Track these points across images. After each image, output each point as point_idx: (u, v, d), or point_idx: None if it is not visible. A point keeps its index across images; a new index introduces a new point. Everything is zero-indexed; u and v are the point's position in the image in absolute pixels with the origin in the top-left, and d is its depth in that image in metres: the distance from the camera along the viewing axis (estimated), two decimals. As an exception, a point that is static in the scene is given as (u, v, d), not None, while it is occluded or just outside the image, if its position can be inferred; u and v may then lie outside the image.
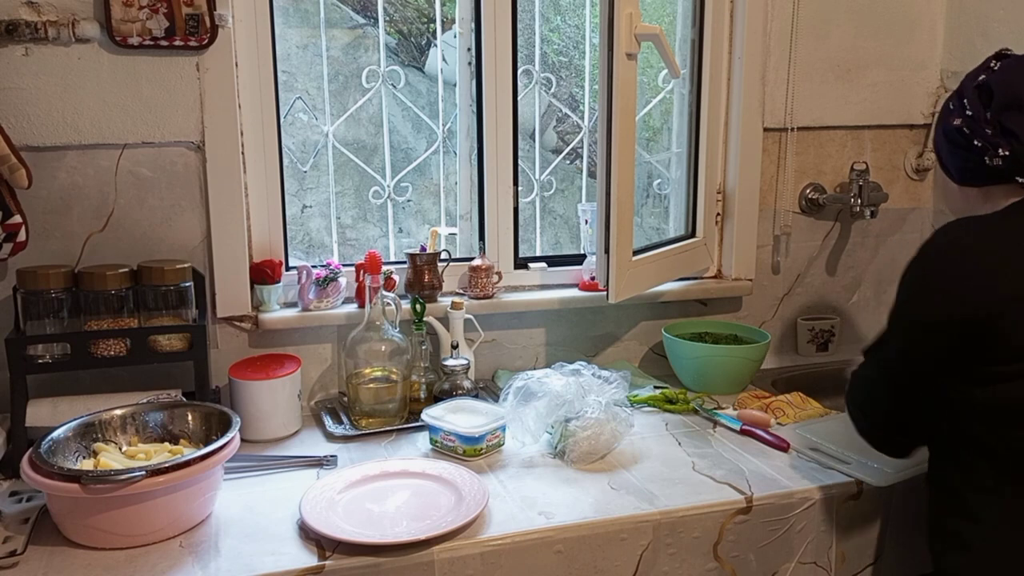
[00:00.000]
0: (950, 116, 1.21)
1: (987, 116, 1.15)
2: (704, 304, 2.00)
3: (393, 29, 3.14)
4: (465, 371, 1.67)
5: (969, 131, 1.17)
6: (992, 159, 1.15)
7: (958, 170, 1.22)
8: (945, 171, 1.27)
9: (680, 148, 2.03)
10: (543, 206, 2.11)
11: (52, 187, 1.52)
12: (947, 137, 1.22)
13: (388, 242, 1.96)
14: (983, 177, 1.18)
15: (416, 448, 1.51)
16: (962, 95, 1.20)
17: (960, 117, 1.18)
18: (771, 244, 2.03)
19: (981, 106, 1.16)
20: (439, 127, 1.93)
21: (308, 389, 1.73)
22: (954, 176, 1.24)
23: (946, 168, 1.26)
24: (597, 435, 1.42)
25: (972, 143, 1.16)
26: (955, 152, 1.21)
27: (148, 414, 1.37)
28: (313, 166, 2.20)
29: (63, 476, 1.14)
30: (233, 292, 1.63)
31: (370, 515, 1.24)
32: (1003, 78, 1.16)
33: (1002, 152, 1.14)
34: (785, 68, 1.93)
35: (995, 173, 1.16)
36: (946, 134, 1.22)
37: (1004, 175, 1.15)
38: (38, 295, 1.43)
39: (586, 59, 2.15)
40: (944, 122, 1.23)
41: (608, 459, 1.46)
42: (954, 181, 1.24)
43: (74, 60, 1.48)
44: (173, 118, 1.55)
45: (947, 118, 1.22)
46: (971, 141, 1.16)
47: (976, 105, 1.17)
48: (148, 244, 1.58)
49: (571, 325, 1.90)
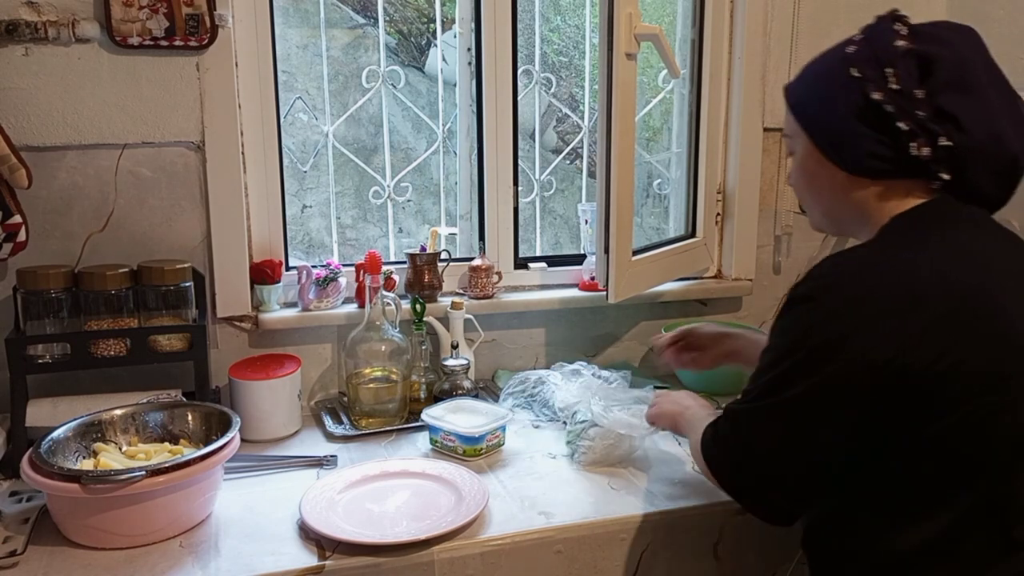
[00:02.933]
0: (860, 86, 0.97)
1: (918, 93, 0.94)
2: (704, 304, 2.00)
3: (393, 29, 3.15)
4: (465, 371, 1.67)
5: (893, 109, 0.94)
6: (920, 148, 0.94)
7: (857, 156, 0.98)
8: (830, 156, 1.02)
9: (680, 148, 2.03)
10: (543, 206, 2.11)
11: (52, 187, 1.52)
12: (853, 111, 0.97)
13: (388, 242, 1.96)
14: (895, 169, 0.97)
15: (416, 448, 1.51)
16: (879, 61, 0.96)
17: (881, 90, 0.95)
18: (771, 244, 2.03)
19: (914, 80, 0.95)
20: (439, 127, 1.93)
21: (308, 389, 1.73)
22: (846, 163, 1.00)
23: (833, 152, 1.01)
24: (615, 446, 1.42)
25: (894, 125, 0.94)
26: (859, 132, 0.97)
27: (148, 414, 1.37)
28: (313, 166, 2.20)
29: (63, 476, 1.14)
30: (233, 292, 1.63)
31: (370, 515, 1.24)
32: (943, 49, 0.95)
33: (943, 142, 0.94)
34: (786, 68, 1.93)
35: (913, 166, 0.96)
36: (853, 110, 0.97)
37: (923, 170, 0.96)
38: (38, 295, 1.42)
39: (586, 59, 2.15)
40: (847, 91, 0.98)
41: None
42: (843, 169, 1.00)
43: (74, 60, 1.48)
44: (173, 118, 1.55)
45: (853, 89, 0.97)
46: (893, 122, 0.94)
47: (907, 78, 0.95)
48: (148, 244, 1.58)
49: (571, 325, 1.90)
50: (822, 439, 0.94)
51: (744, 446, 1.01)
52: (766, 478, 0.99)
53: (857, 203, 1.02)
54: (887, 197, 1.00)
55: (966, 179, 0.96)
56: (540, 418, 1.63)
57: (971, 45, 0.99)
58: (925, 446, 0.91)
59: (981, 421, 0.90)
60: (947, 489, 0.92)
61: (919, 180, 0.98)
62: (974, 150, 0.95)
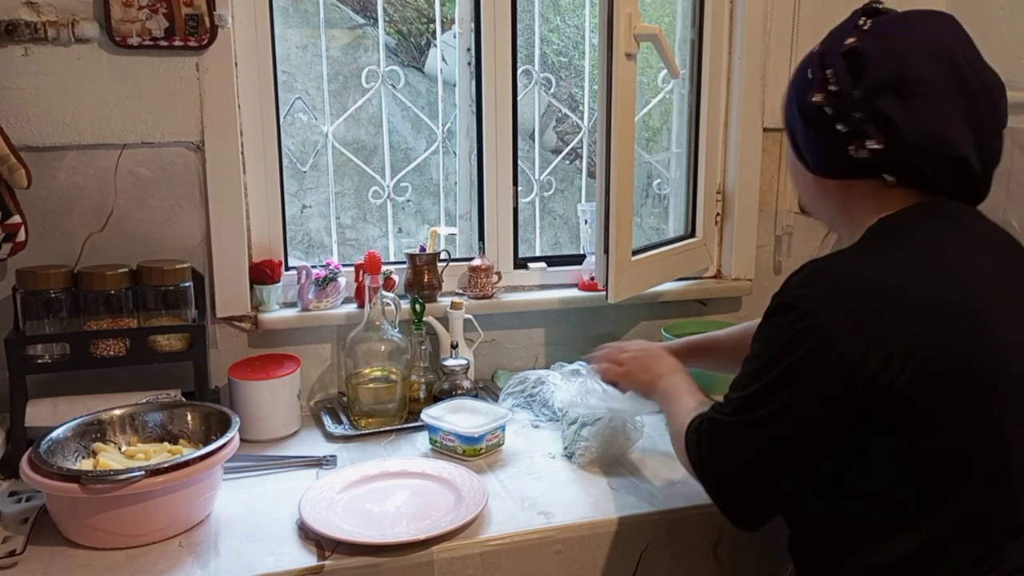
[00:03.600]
0: (807, 88, 0.96)
1: (855, 94, 0.92)
2: (704, 304, 2.00)
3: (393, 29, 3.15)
4: (464, 371, 1.67)
5: (831, 111, 0.93)
6: (858, 150, 0.93)
7: (813, 157, 0.99)
8: (797, 154, 1.03)
9: (680, 148, 2.03)
10: (542, 206, 2.11)
11: (52, 187, 1.51)
12: (802, 114, 0.97)
13: (388, 242, 1.96)
14: (843, 169, 0.97)
15: (416, 448, 1.51)
16: (823, 62, 0.96)
17: (821, 91, 0.94)
18: (771, 244, 2.03)
19: (849, 80, 0.93)
20: (439, 127, 1.93)
21: (307, 389, 1.73)
22: (808, 163, 1.01)
23: (798, 151, 1.02)
24: (609, 443, 1.42)
25: (833, 127, 0.94)
26: (811, 134, 0.97)
27: (147, 414, 1.37)
28: (313, 166, 2.20)
29: (62, 476, 1.14)
30: (232, 292, 1.63)
31: (370, 515, 1.24)
32: (882, 47, 0.92)
33: (871, 144, 0.92)
34: (785, 68, 1.93)
35: (859, 166, 0.94)
36: (801, 111, 0.97)
37: (869, 170, 0.94)
38: (37, 295, 1.42)
39: (586, 59, 2.15)
40: (799, 95, 0.98)
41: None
42: (807, 169, 1.02)
43: (74, 60, 1.48)
44: (173, 118, 1.55)
45: (803, 90, 0.97)
46: (832, 124, 0.94)
47: (843, 78, 0.93)
48: (148, 244, 1.57)
49: (571, 325, 1.90)
50: (805, 448, 0.93)
51: (727, 454, 0.99)
52: (746, 485, 0.98)
53: (830, 201, 1.02)
54: (853, 198, 0.99)
55: (919, 177, 0.94)
56: (540, 418, 1.63)
57: (934, 38, 0.94)
58: (904, 458, 0.90)
59: (962, 434, 0.89)
60: (927, 503, 0.91)
61: (876, 180, 0.96)
62: (911, 152, 0.92)
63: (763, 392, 0.94)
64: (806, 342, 0.89)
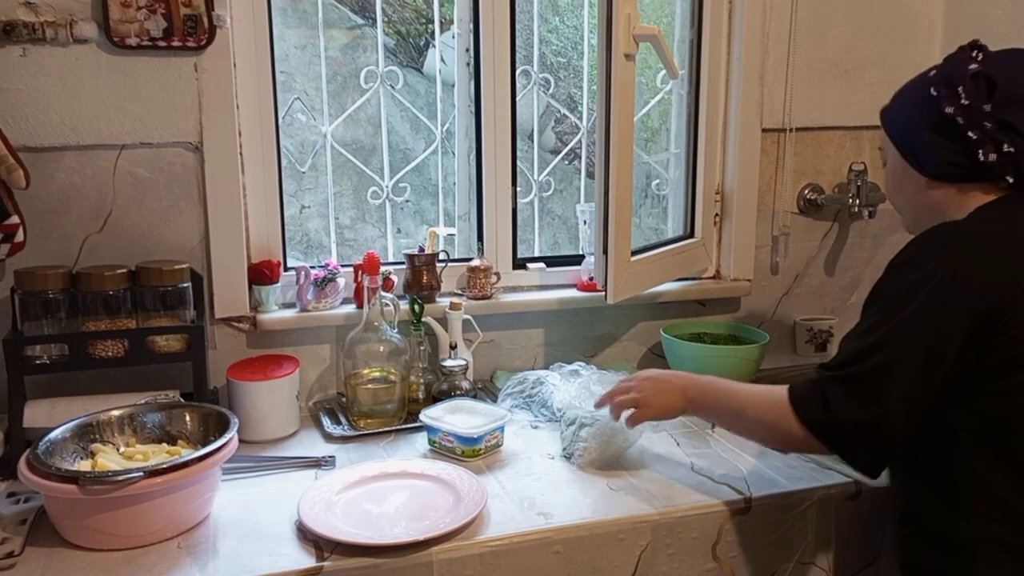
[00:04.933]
0: (937, 103, 1.12)
1: (987, 108, 1.08)
2: (702, 304, 2.00)
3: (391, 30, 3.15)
4: (463, 371, 1.67)
5: (963, 122, 1.09)
6: (987, 154, 1.09)
7: (936, 164, 1.14)
8: (913, 164, 1.18)
9: (678, 149, 2.03)
10: (541, 206, 2.11)
11: (50, 188, 1.51)
12: (932, 127, 1.13)
13: (387, 242, 1.96)
14: (967, 174, 1.12)
15: (415, 449, 1.51)
16: (952, 82, 1.12)
17: (953, 106, 1.10)
18: (770, 244, 2.03)
19: (981, 97, 1.09)
20: (437, 127, 1.92)
21: (306, 390, 1.73)
22: (928, 170, 1.16)
23: (916, 161, 1.17)
24: (609, 443, 1.42)
25: (965, 135, 1.09)
26: (938, 143, 1.13)
27: (146, 415, 1.37)
28: (312, 166, 2.20)
29: (60, 477, 1.14)
30: (231, 293, 1.63)
31: (368, 516, 1.24)
32: (1005, 73, 1.09)
33: (1006, 148, 1.08)
34: (783, 69, 1.93)
35: (983, 170, 1.10)
36: (931, 123, 1.13)
37: (992, 173, 1.10)
38: (36, 296, 1.42)
39: (584, 59, 2.15)
40: (926, 110, 1.14)
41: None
42: (925, 175, 1.16)
43: (72, 61, 1.48)
44: (171, 119, 1.55)
45: (931, 105, 1.13)
46: (964, 133, 1.09)
47: (974, 95, 1.09)
48: (146, 245, 1.57)
49: (570, 325, 1.90)
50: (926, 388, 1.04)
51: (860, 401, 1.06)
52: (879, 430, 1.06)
53: (939, 204, 1.16)
54: (963, 198, 1.13)
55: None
56: (539, 418, 1.63)
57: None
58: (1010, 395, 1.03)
59: None
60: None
61: (988, 183, 1.11)
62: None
63: (884, 338, 1.05)
64: (925, 292, 1.03)
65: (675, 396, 1.32)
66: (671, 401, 1.32)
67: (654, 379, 1.36)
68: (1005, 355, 1.02)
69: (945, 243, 1.06)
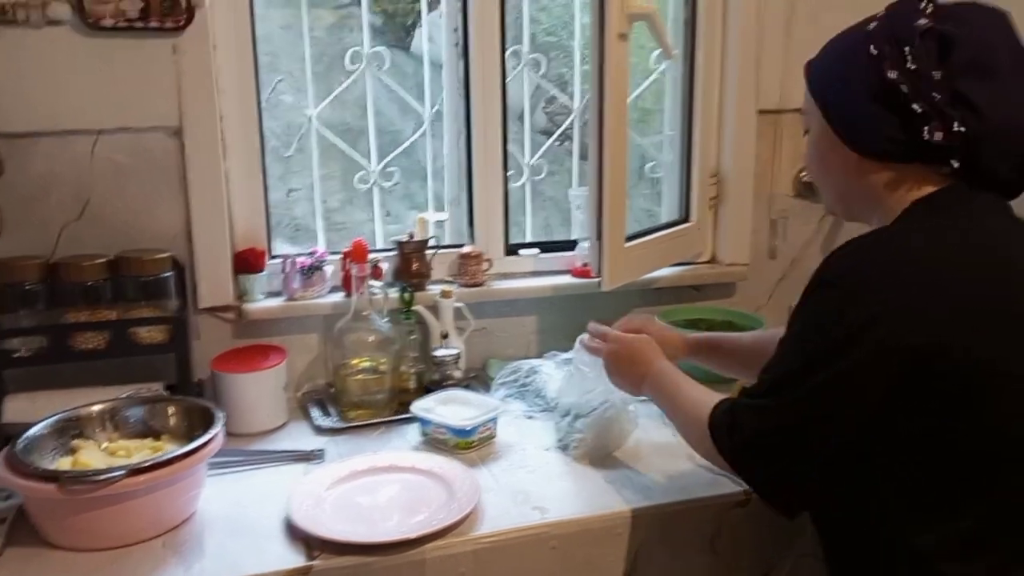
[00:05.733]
0: (878, 64, 0.92)
1: (936, 75, 0.90)
2: (697, 290, 1.97)
3: (379, 8, 3.08)
4: (455, 361, 1.64)
5: (908, 90, 0.90)
6: (933, 132, 0.90)
7: (870, 137, 0.95)
8: (842, 134, 0.98)
9: (673, 131, 1.98)
10: (533, 189, 2.06)
11: (27, 175, 1.46)
12: (868, 91, 0.93)
13: (375, 228, 1.91)
14: (906, 152, 0.93)
15: (406, 441, 1.47)
16: (897, 39, 0.92)
17: (896, 69, 0.91)
18: (766, 228, 1.99)
19: (932, 60, 0.90)
20: (426, 110, 1.88)
21: (294, 381, 1.69)
22: (858, 144, 0.96)
23: (846, 133, 0.97)
24: (604, 434, 1.39)
25: (909, 106, 0.90)
26: (873, 113, 0.93)
27: (128, 409, 1.33)
28: (298, 149, 2.15)
29: (39, 476, 1.10)
30: (215, 282, 1.59)
31: (359, 512, 1.21)
32: (965, 31, 0.90)
33: (956, 127, 0.89)
34: (780, 49, 1.89)
35: (926, 150, 0.92)
36: (869, 89, 0.93)
37: (935, 155, 0.91)
38: (13, 287, 1.38)
39: (575, 39, 2.11)
40: (863, 73, 0.94)
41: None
42: (854, 150, 0.97)
43: (46, 43, 1.43)
44: (150, 103, 1.50)
45: (871, 68, 0.93)
46: (908, 103, 0.90)
47: (924, 58, 0.90)
48: (127, 233, 1.52)
49: (563, 312, 1.86)
50: (845, 429, 0.91)
51: (765, 438, 0.96)
52: (786, 469, 0.95)
53: (869, 187, 0.99)
54: (899, 183, 0.96)
55: (979, 166, 0.92)
56: (533, 409, 1.59)
57: (998, 28, 0.94)
58: (947, 440, 0.89)
59: (1008, 419, 0.88)
60: (969, 489, 0.89)
61: (928, 166, 0.94)
62: (990, 137, 0.91)
63: (804, 371, 0.92)
64: (850, 319, 0.88)
65: (632, 380, 1.27)
66: (628, 382, 1.29)
67: (625, 354, 1.29)
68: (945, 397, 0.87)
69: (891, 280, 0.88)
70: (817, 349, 0.91)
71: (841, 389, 0.90)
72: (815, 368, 0.91)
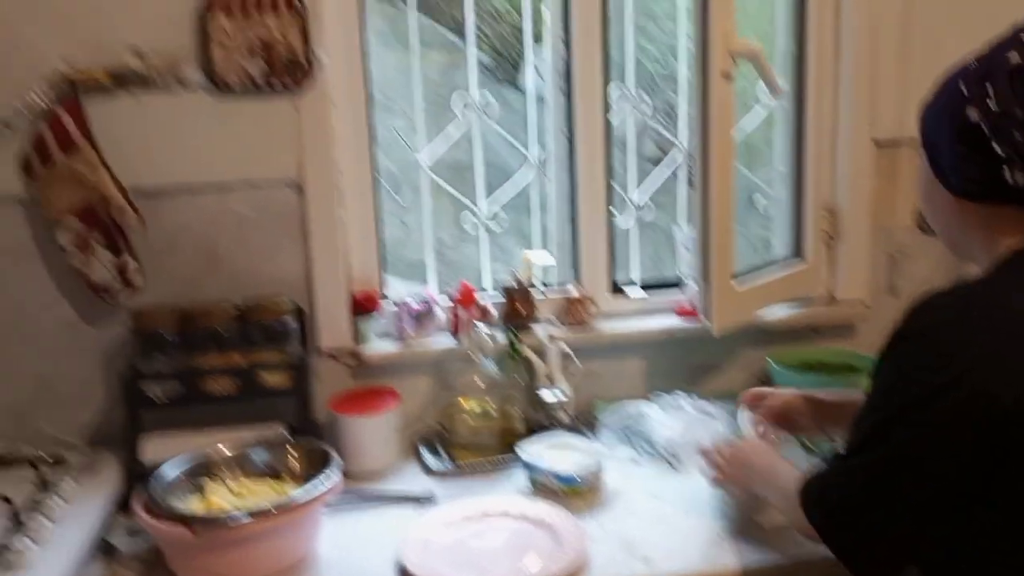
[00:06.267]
0: (963, 104, 0.90)
1: (1019, 115, 0.86)
2: (816, 331, 1.89)
3: (488, 46, 3.14)
4: (562, 403, 1.64)
5: (990, 131, 0.87)
6: (1015, 175, 0.87)
7: (959, 177, 0.93)
8: (936, 173, 0.97)
9: (784, 167, 1.93)
10: (640, 222, 2.04)
11: (160, 229, 1.57)
12: (955, 132, 0.91)
13: (483, 269, 1.94)
14: (993, 193, 0.90)
15: (514, 485, 1.49)
16: (984, 77, 0.89)
17: (979, 109, 0.88)
18: (885, 265, 1.90)
19: (1015, 99, 0.86)
20: (532, 151, 1.89)
21: (405, 421, 1.73)
22: (950, 183, 0.94)
23: (939, 170, 0.96)
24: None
25: (990, 147, 0.88)
26: (960, 153, 0.91)
27: (253, 451, 1.40)
28: (410, 188, 2.21)
29: (174, 520, 1.18)
30: (334, 325, 1.65)
31: (468, 558, 1.23)
32: None
33: None
34: (896, 79, 1.81)
35: (1012, 193, 0.88)
36: (954, 128, 0.91)
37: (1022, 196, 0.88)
38: (150, 335, 1.48)
39: (680, 67, 2.06)
40: (951, 110, 0.92)
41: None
42: (948, 189, 0.95)
43: (178, 104, 1.53)
44: (272, 157, 1.58)
45: (957, 106, 0.91)
46: (989, 144, 0.88)
47: (1007, 97, 0.86)
48: (251, 281, 1.61)
49: (670, 354, 1.84)
50: (934, 489, 0.88)
51: (851, 503, 0.93)
52: (874, 536, 0.92)
53: (967, 227, 0.96)
54: (996, 224, 0.93)
55: None
56: (640, 454, 1.57)
57: None
58: None
59: None
60: None
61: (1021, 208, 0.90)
62: None
63: (887, 428, 0.89)
64: (936, 373, 0.85)
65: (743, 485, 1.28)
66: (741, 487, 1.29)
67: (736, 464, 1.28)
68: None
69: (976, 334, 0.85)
70: (901, 405, 0.88)
71: (926, 446, 0.86)
72: (900, 425, 0.88)
